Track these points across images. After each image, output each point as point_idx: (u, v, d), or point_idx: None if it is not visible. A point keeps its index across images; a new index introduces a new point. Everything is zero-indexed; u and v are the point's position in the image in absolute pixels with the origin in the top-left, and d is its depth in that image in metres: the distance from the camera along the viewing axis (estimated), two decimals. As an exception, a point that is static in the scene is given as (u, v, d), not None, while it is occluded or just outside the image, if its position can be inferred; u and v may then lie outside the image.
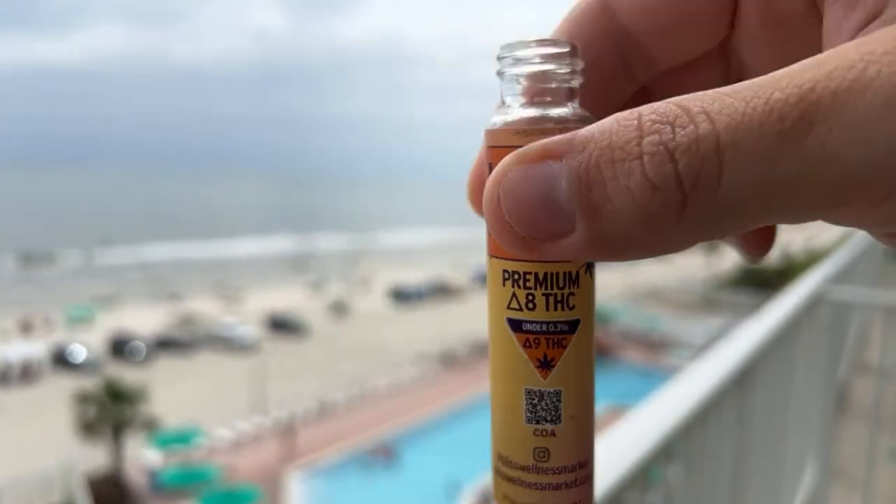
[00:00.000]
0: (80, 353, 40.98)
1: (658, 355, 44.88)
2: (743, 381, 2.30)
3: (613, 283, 76.10)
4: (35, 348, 40.42)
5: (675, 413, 1.71)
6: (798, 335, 3.03)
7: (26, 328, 48.72)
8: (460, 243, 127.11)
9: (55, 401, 33.84)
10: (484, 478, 24.25)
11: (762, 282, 63.71)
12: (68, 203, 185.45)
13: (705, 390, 1.91)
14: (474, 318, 57.79)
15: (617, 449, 1.46)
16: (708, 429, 1.95)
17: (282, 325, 51.77)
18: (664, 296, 68.19)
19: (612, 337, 47.79)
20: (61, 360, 40.57)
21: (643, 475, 1.45)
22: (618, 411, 31.92)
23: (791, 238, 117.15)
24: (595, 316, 0.34)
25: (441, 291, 67.85)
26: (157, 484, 24.15)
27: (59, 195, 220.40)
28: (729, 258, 76.95)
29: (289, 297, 65.17)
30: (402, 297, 64.53)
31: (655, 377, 40.97)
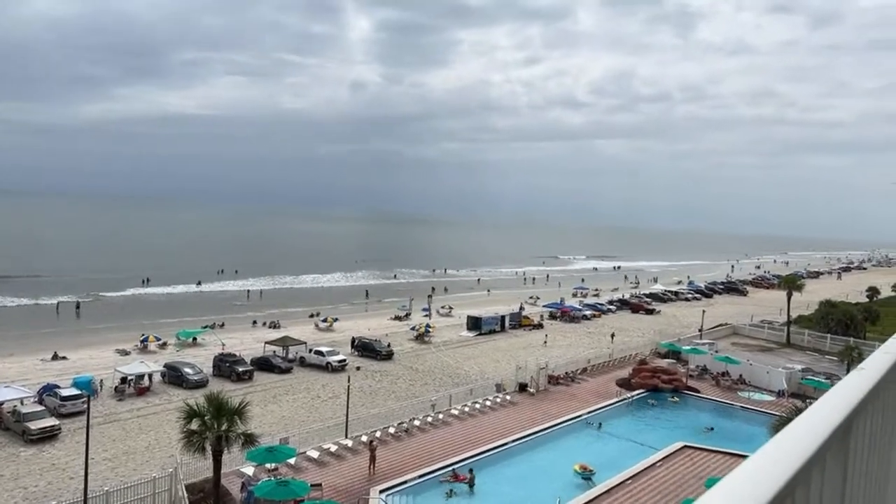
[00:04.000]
0: (187, 370, 42.85)
1: (732, 394, 42.40)
2: (844, 435, 2.06)
3: (693, 320, 72.79)
4: (150, 366, 42.54)
5: (776, 471, 1.53)
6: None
7: (143, 348, 51.59)
8: (535, 280, 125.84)
9: (165, 412, 35.46)
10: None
11: (847, 324, 59.25)
12: (183, 237, 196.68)
13: (805, 447, 1.71)
14: (547, 349, 56.75)
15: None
16: (811, 484, 1.74)
17: (367, 350, 52.53)
18: (744, 333, 64.58)
19: (688, 374, 45.64)
20: (171, 376, 42.55)
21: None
22: (691, 453, 29.65)
23: (877, 280, 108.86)
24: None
25: (515, 325, 67.55)
26: (251, 496, 24.72)
27: (175, 229, 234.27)
28: (809, 296, 72.20)
29: (374, 326, 66.16)
30: (478, 327, 64.47)
31: (729, 414, 38.68)
